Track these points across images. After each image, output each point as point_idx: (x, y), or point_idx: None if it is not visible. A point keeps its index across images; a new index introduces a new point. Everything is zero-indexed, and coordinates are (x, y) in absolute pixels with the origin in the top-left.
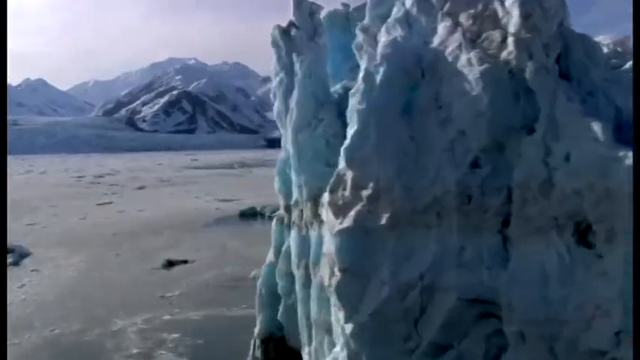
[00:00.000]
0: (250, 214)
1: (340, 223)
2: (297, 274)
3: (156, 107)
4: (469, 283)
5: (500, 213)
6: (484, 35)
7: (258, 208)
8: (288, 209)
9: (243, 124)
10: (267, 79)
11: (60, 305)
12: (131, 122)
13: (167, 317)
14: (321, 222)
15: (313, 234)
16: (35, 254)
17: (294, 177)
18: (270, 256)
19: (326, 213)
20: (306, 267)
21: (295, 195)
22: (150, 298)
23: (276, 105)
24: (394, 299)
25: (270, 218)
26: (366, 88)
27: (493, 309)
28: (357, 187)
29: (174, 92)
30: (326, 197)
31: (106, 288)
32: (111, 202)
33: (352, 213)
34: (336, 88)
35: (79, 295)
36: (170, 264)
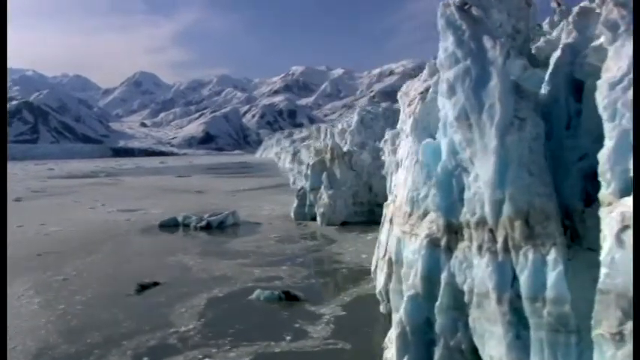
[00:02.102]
0: (172, 225)
1: None
2: (495, 310)
3: None
4: None
5: None
6: None
7: (180, 219)
8: (451, 229)
9: (87, 134)
10: (107, 91)
11: (56, 353)
12: None
13: None
14: (537, 245)
15: (523, 260)
16: None
17: (484, 189)
18: (414, 286)
19: None
20: (511, 302)
21: (478, 211)
22: (162, 335)
23: (459, 100)
24: None
25: (197, 228)
26: None
27: None
28: None
29: (14, 102)
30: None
31: (94, 325)
32: None
33: None
34: None
35: (68, 337)
36: (143, 287)
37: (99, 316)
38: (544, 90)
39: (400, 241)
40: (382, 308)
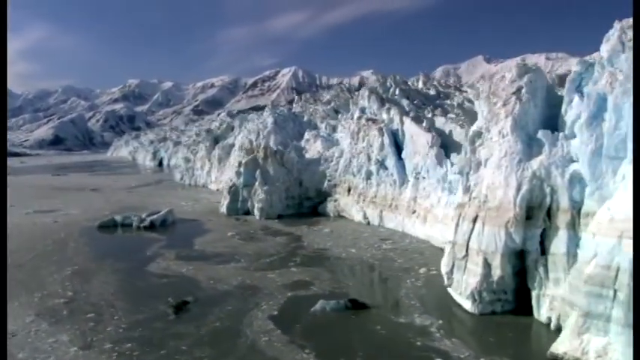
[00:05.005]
0: (112, 225)
1: None
2: None
3: None
4: None
5: None
6: None
7: (119, 219)
8: None
9: None
10: None
11: None
12: None
13: None
14: None
15: None
16: None
17: None
18: None
19: None
20: None
21: None
22: None
23: None
24: None
25: (140, 228)
26: None
27: None
28: None
29: None
30: None
31: None
32: None
33: None
34: None
35: None
36: (177, 308)
37: (173, 356)
38: None
39: (616, 247)
40: (473, 309)
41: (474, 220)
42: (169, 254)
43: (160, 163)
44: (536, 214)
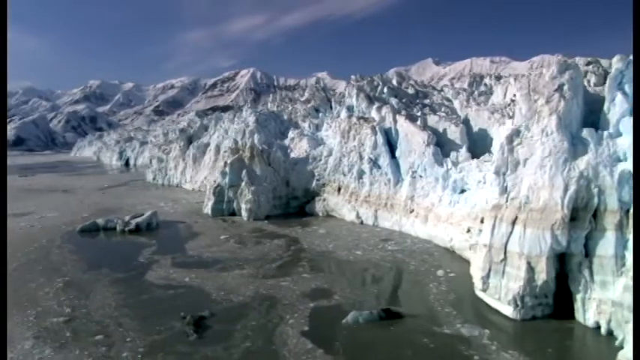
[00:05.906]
0: (94, 229)
1: None
2: None
3: None
4: None
5: None
6: None
7: (101, 222)
8: None
9: None
10: None
11: None
12: None
13: None
14: None
15: None
16: None
17: None
18: None
19: None
20: None
21: None
22: None
23: None
24: None
25: (125, 232)
26: None
27: None
28: None
29: None
30: None
31: None
32: None
33: None
34: None
35: None
36: (196, 325)
37: None
38: None
39: None
40: (514, 314)
41: (513, 223)
42: (165, 261)
43: (127, 163)
44: (582, 215)
